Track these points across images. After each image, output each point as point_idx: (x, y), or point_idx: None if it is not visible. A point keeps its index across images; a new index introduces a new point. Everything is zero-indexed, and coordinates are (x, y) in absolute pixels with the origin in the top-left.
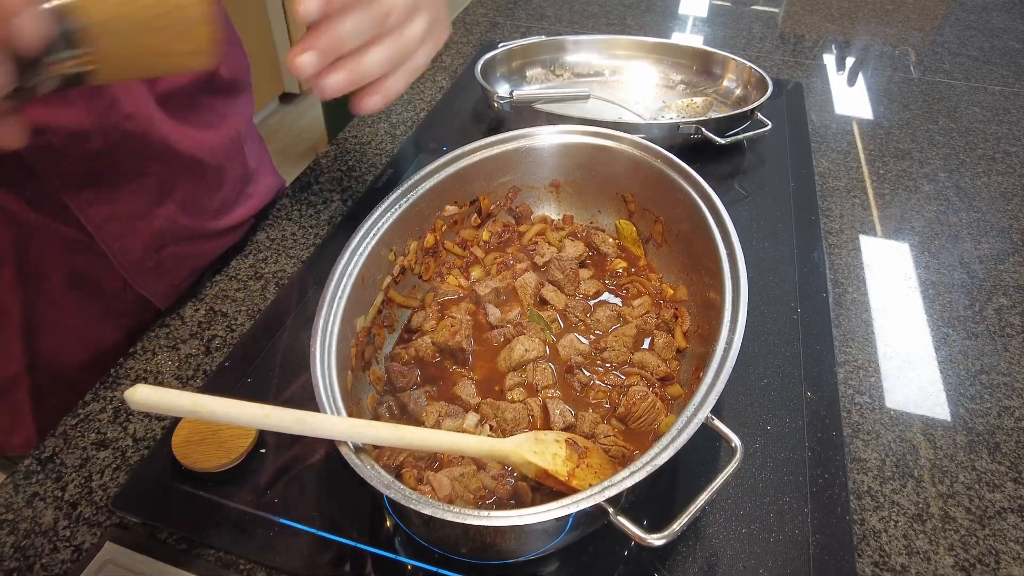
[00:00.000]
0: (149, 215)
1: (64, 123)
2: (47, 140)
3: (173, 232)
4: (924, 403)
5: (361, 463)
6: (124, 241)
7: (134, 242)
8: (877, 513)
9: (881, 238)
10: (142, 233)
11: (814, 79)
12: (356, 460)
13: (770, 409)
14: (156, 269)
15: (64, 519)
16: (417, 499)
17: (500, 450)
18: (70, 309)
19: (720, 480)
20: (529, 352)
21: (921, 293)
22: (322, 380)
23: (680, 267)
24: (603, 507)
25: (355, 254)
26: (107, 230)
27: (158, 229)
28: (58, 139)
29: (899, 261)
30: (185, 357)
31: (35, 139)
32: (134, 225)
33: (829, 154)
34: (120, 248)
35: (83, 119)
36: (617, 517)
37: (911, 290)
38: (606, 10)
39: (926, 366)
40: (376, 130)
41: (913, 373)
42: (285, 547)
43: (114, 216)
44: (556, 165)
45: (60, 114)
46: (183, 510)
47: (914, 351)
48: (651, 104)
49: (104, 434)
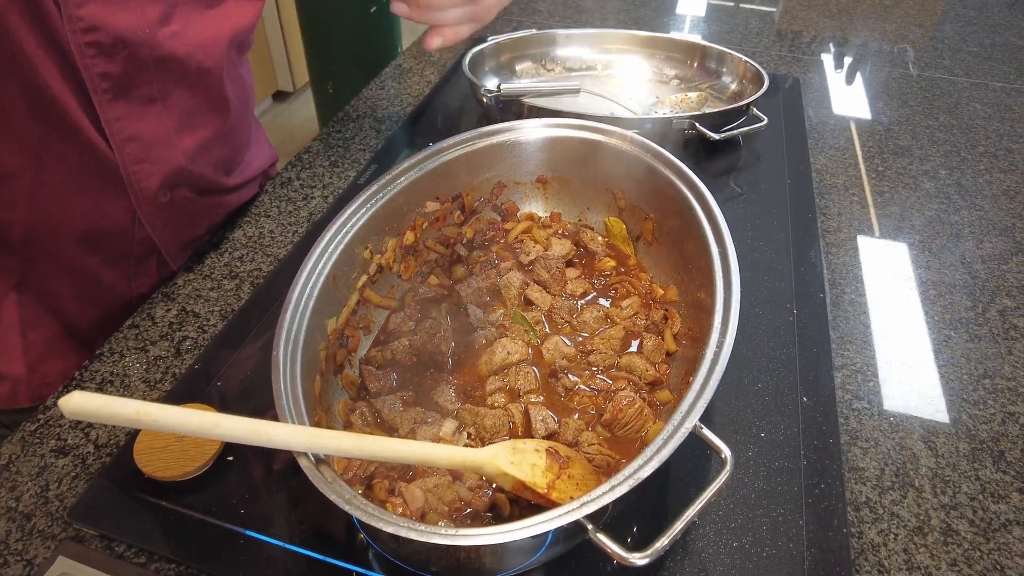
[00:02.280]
0: (169, 144)
1: (117, 24)
2: (97, 37)
3: (188, 174)
4: (925, 409)
5: (321, 476)
6: (143, 166)
7: (152, 169)
8: (876, 526)
9: (880, 237)
10: (160, 162)
11: (811, 75)
12: (316, 473)
13: (764, 415)
14: (168, 208)
15: (17, 531)
16: (379, 516)
17: (474, 460)
18: (73, 236)
19: (708, 494)
20: (512, 355)
21: (921, 294)
22: (284, 387)
23: (671, 266)
24: (582, 524)
25: (325, 252)
26: (129, 150)
27: (176, 164)
28: (107, 38)
29: (898, 261)
30: (154, 359)
31: (87, 35)
32: (154, 151)
33: (827, 151)
34: (137, 173)
35: (135, 23)
36: (597, 535)
37: (911, 291)
38: (599, 4)
39: (927, 370)
40: (361, 125)
41: (913, 377)
42: (252, 561)
43: (138, 136)
44: (542, 160)
45: (116, 13)
46: (143, 522)
47: (914, 354)
48: (644, 99)
49: (64, 440)
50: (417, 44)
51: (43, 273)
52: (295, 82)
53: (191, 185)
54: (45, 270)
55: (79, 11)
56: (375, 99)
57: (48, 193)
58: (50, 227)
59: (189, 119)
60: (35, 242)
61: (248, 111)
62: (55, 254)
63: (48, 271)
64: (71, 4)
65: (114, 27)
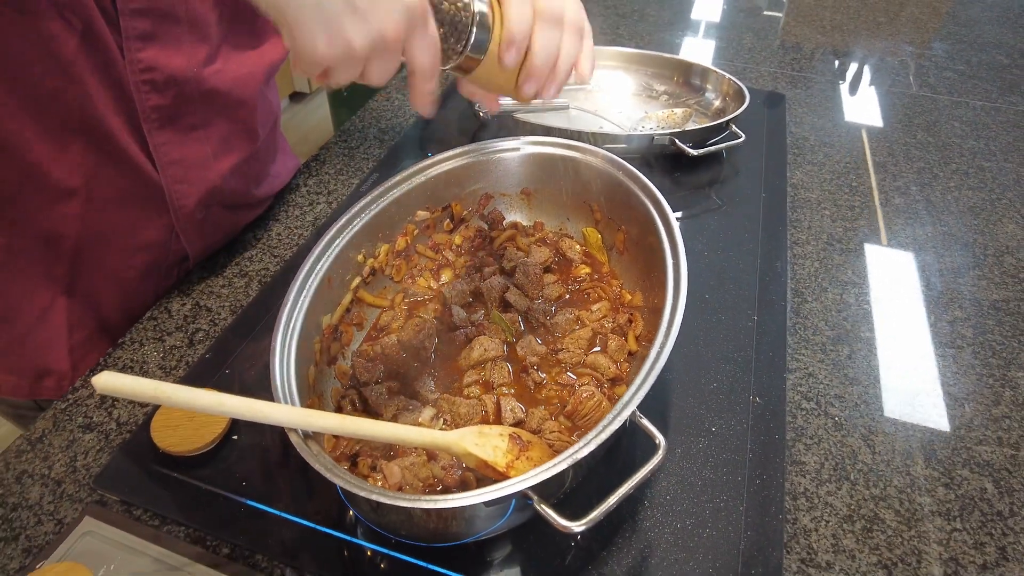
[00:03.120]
0: (207, 166)
1: (171, 64)
2: (152, 76)
3: (222, 192)
4: (867, 411)
5: (307, 448)
6: (183, 187)
7: (191, 189)
8: (810, 513)
9: (846, 250)
10: (198, 182)
11: (799, 91)
12: (304, 447)
13: (717, 412)
14: (203, 223)
15: (49, 495)
16: (353, 482)
17: (443, 441)
18: (118, 248)
19: (641, 475)
20: (488, 352)
21: (879, 304)
22: (280, 372)
23: (638, 274)
24: (527, 495)
25: (322, 256)
26: (171, 172)
27: (211, 184)
28: (161, 77)
29: (861, 272)
30: (170, 348)
31: (144, 75)
32: (193, 172)
33: (804, 166)
34: (178, 192)
35: (186, 64)
36: (540, 505)
37: (870, 301)
38: (598, 20)
39: (872, 375)
40: (366, 135)
41: (860, 381)
42: (250, 526)
43: (180, 160)
44: (526, 174)
45: (171, 56)
46: (158, 490)
47: (865, 361)
48: (632, 114)
49: (91, 418)
50: None
51: (88, 281)
52: (311, 83)
53: (223, 202)
54: (91, 278)
55: (139, 55)
56: (380, 110)
57: (98, 210)
58: (98, 240)
59: (225, 144)
60: (84, 254)
61: (275, 129)
62: (101, 264)
63: (93, 279)
64: (133, 48)
65: (168, 68)
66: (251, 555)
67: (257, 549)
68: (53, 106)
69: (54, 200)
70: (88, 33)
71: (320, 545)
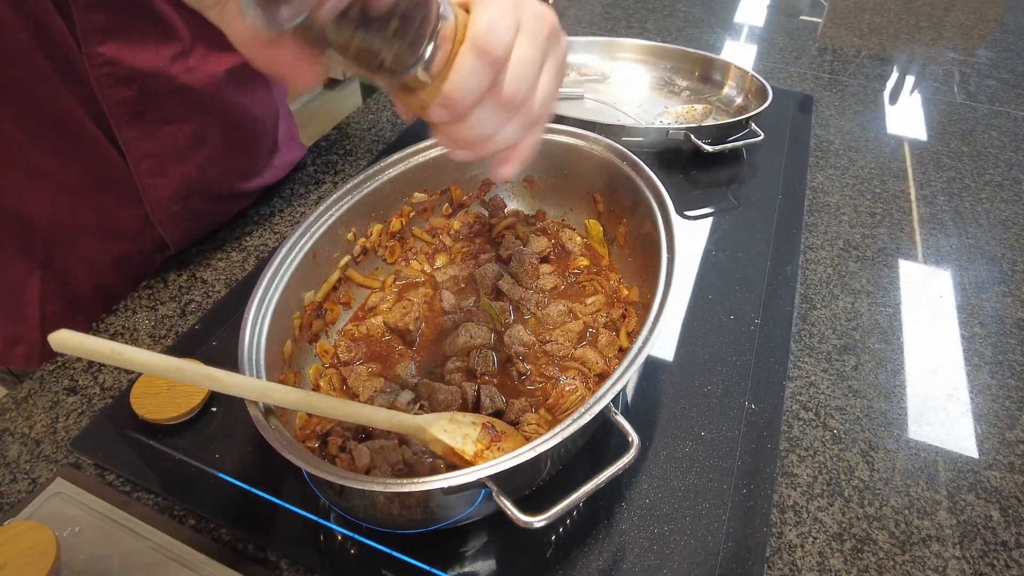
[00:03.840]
0: (182, 160)
1: (134, 61)
2: (114, 71)
3: (201, 183)
4: (870, 425)
5: (265, 422)
6: (156, 180)
7: (165, 183)
8: (797, 528)
9: (862, 257)
10: (173, 176)
11: (829, 93)
12: (262, 421)
13: (708, 416)
14: (180, 214)
15: (27, 454)
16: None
17: (410, 424)
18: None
19: (607, 473)
20: (474, 339)
21: (891, 315)
22: (248, 342)
23: (636, 269)
24: (485, 484)
25: (308, 231)
26: (143, 167)
27: (188, 176)
28: (124, 71)
29: (876, 281)
30: (161, 318)
31: (104, 68)
32: (167, 167)
33: (826, 169)
34: (152, 185)
35: (152, 60)
36: (499, 497)
37: (882, 311)
38: (627, 13)
39: (881, 389)
40: (379, 118)
41: (865, 395)
42: (220, 499)
43: (152, 154)
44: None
45: (134, 53)
46: (132, 456)
47: (872, 373)
48: (652, 108)
49: (76, 381)
50: None
51: (63, 261)
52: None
53: (204, 193)
54: (65, 259)
55: (98, 48)
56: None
57: (68, 194)
58: (69, 224)
59: (200, 138)
60: (56, 236)
61: (270, 120)
62: (73, 246)
63: (67, 260)
64: (92, 42)
65: (132, 63)
66: (216, 529)
67: (223, 523)
68: (18, 93)
69: (25, 180)
70: (41, 25)
71: (289, 525)
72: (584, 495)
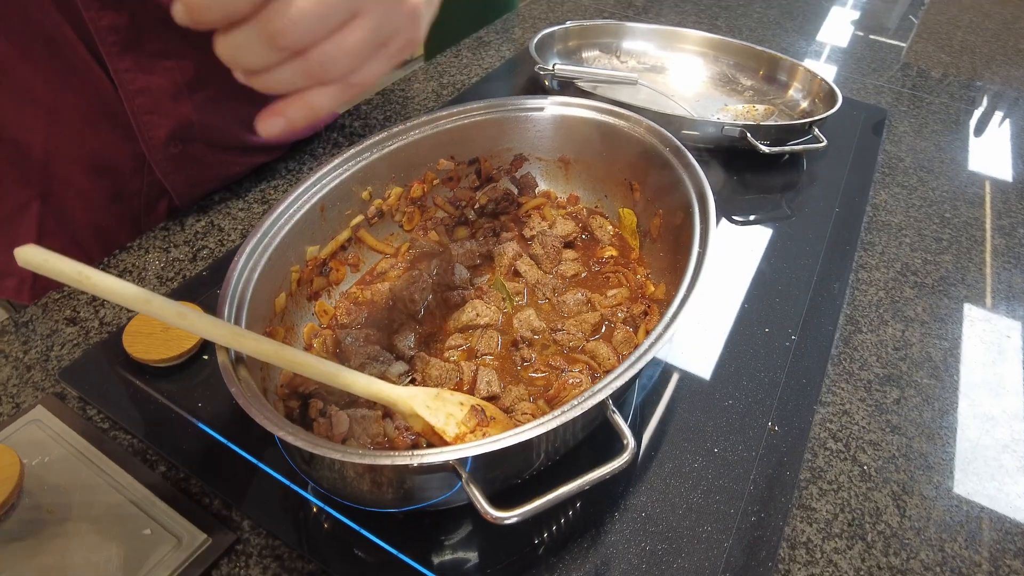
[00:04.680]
0: (180, 98)
1: None
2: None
3: (201, 128)
4: (907, 467)
5: (232, 370)
6: (152, 117)
7: (161, 121)
8: (808, 568)
9: (921, 284)
10: (169, 114)
11: (906, 108)
12: (228, 367)
13: (725, 432)
14: (179, 157)
15: (17, 378)
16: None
17: (389, 395)
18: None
19: (594, 475)
20: (480, 317)
21: (947, 350)
22: (234, 286)
23: (666, 265)
24: (454, 468)
25: (319, 182)
26: (138, 102)
27: (185, 119)
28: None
29: (934, 312)
30: (172, 260)
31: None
32: (163, 104)
33: (893, 187)
34: (147, 123)
35: None
36: (469, 485)
37: (936, 344)
38: (699, 8)
39: (924, 429)
40: (425, 88)
41: (905, 432)
42: (195, 450)
43: (147, 89)
44: (564, 139)
45: None
46: (116, 394)
47: (915, 410)
48: (710, 104)
49: (78, 312)
50: (507, 22)
51: (61, 194)
52: None
53: (205, 138)
54: (61, 192)
55: None
56: (447, 65)
57: (62, 124)
58: (64, 155)
59: (201, 76)
60: (51, 166)
61: None
62: (68, 180)
63: (64, 194)
64: None
65: None
66: (186, 479)
67: (194, 474)
68: (13, 12)
69: (20, 105)
70: None
71: (262, 487)
72: (563, 496)
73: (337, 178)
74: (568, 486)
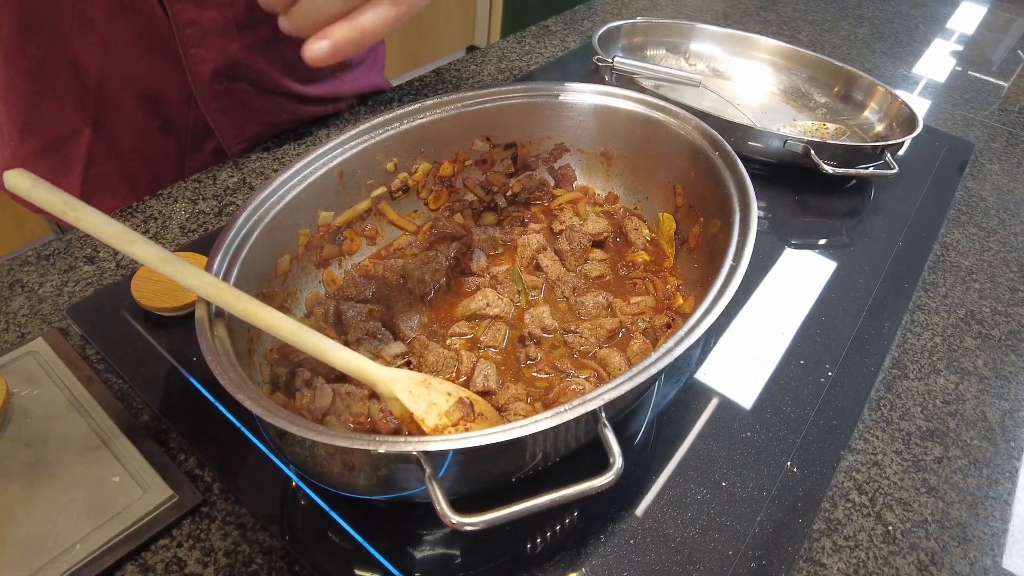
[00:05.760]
0: (228, 35)
1: None
2: None
3: (249, 68)
4: (940, 537)
5: (207, 325)
6: (199, 51)
7: (208, 55)
8: None
9: (985, 335)
10: (217, 50)
11: (997, 145)
12: (204, 322)
13: (737, 466)
14: (224, 95)
15: (27, 309)
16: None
17: (371, 374)
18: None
19: (570, 492)
20: (491, 307)
21: (1006, 411)
22: (231, 239)
23: (699, 277)
24: (418, 461)
25: (341, 146)
26: (187, 34)
27: (233, 55)
28: None
29: (995, 367)
30: (197, 213)
31: None
32: (212, 39)
33: (968, 227)
34: (194, 56)
35: None
36: (432, 482)
37: (994, 403)
38: (782, 18)
39: (966, 495)
40: (481, 70)
41: (943, 496)
42: (184, 404)
43: (197, 22)
44: (606, 132)
45: None
46: (117, 336)
47: (958, 472)
48: (777, 117)
49: (97, 252)
50: (577, 13)
51: (111, 121)
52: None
53: (251, 80)
54: (113, 119)
55: None
56: (508, 51)
57: (116, 50)
58: (117, 80)
59: (253, 15)
60: (105, 90)
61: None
62: (120, 107)
63: (115, 120)
64: None
65: None
66: (166, 432)
67: (174, 428)
68: None
69: (79, 28)
70: None
71: (241, 453)
72: (534, 508)
73: (360, 145)
74: (540, 499)
